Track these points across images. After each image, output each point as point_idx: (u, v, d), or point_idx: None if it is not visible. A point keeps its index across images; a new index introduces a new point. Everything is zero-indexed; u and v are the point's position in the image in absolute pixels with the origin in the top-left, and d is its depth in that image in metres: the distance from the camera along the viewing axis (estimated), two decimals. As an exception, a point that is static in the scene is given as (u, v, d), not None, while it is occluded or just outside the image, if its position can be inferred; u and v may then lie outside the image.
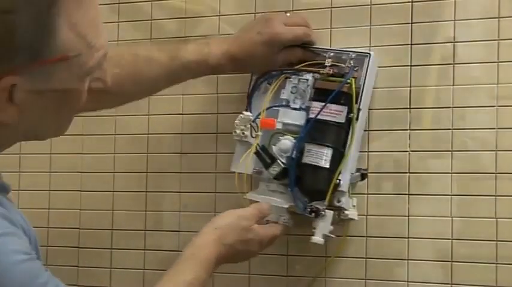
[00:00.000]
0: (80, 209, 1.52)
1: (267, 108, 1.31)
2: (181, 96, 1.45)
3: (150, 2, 1.49)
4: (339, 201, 1.27)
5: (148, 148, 1.48)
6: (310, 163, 1.26)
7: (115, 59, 1.21)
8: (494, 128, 1.27)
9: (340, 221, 1.29)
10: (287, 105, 1.30)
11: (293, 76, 1.31)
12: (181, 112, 1.46)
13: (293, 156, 1.27)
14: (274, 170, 1.28)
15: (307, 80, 1.29)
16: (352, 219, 1.29)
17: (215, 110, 1.44)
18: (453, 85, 1.29)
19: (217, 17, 1.44)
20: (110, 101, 1.30)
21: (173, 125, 1.46)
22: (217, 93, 1.44)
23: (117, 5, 1.51)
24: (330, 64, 1.29)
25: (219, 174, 1.42)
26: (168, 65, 1.29)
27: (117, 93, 1.25)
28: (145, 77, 1.30)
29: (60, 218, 1.53)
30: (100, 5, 0.97)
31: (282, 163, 1.28)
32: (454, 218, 1.28)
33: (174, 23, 1.47)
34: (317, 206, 1.26)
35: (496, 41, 1.28)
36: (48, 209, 1.54)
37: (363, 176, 1.31)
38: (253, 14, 1.41)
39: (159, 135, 1.48)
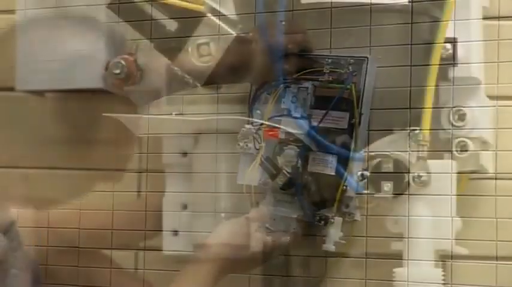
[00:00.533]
0: (80, 209, 1.52)
1: (269, 119, 1.32)
2: (181, 96, 1.45)
3: (150, 2, 1.49)
4: (347, 206, 1.27)
5: (148, 148, 1.48)
6: (315, 171, 1.26)
7: None
8: (494, 128, 1.27)
9: (344, 222, 1.29)
10: (288, 115, 1.31)
11: (292, 85, 1.31)
12: (181, 112, 1.46)
13: (298, 165, 1.27)
14: (281, 180, 1.28)
15: (307, 88, 1.29)
16: (355, 220, 1.29)
17: (215, 110, 1.44)
18: (453, 85, 1.29)
19: (217, 17, 1.44)
20: None
21: (173, 125, 1.46)
22: (217, 93, 1.44)
23: (117, 5, 1.51)
24: (328, 71, 1.29)
25: (219, 174, 1.42)
26: (166, 76, 1.30)
27: None
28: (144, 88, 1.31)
29: (60, 218, 1.53)
30: (100, 4, 0.97)
31: (288, 172, 1.28)
32: (454, 218, 1.28)
33: (174, 23, 1.47)
34: (326, 214, 1.26)
35: (496, 41, 1.28)
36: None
37: (363, 176, 1.31)
38: (253, 14, 1.41)
39: (159, 135, 1.48)
